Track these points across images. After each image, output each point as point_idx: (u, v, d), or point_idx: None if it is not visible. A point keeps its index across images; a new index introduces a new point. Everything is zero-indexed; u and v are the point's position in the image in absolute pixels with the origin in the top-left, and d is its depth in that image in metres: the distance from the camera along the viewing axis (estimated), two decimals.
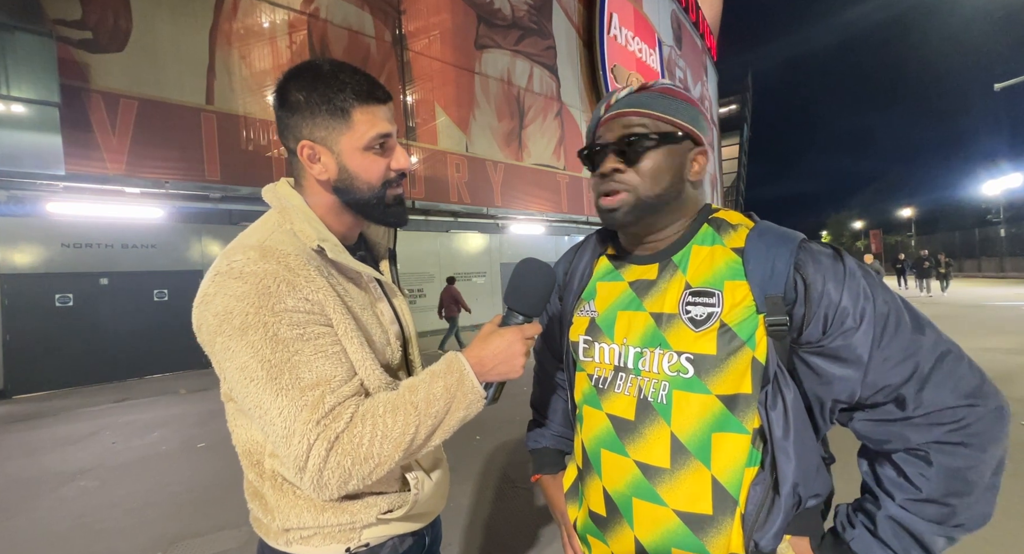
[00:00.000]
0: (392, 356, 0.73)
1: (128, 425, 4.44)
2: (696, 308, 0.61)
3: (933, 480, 0.52)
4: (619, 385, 0.66)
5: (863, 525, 0.56)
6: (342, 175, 0.67)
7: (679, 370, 0.60)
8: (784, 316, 0.56)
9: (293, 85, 0.65)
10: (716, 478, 0.58)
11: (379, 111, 0.67)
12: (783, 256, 0.57)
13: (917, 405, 0.53)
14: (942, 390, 0.52)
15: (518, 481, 2.83)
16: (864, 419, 0.57)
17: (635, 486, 0.62)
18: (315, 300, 0.60)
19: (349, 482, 0.56)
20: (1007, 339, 6.57)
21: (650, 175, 0.63)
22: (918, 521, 0.52)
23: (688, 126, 0.64)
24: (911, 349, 0.53)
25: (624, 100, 0.65)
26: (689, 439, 0.59)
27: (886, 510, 0.54)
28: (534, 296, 0.70)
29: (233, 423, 0.68)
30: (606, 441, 0.66)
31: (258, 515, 0.69)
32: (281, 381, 0.55)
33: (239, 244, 0.63)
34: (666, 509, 0.60)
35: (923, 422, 0.53)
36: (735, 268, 0.60)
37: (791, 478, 0.56)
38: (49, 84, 5.34)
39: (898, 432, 0.54)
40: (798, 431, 0.56)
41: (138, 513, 2.64)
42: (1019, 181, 20.10)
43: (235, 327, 0.56)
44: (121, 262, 6.43)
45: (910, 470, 0.53)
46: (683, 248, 0.66)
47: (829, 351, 0.55)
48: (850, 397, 0.56)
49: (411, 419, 0.59)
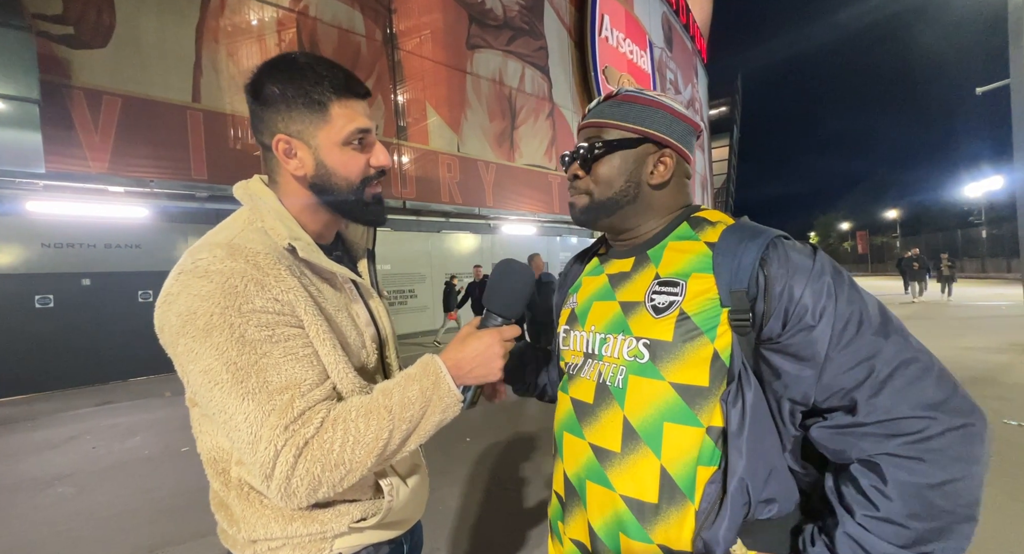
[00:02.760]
0: (368, 359, 0.70)
1: (110, 429, 4.34)
2: (660, 296, 0.62)
3: (892, 498, 0.49)
4: (585, 371, 0.68)
5: (823, 543, 0.54)
6: (319, 171, 0.64)
7: (636, 355, 0.62)
8: (747, 312, 0.56)
9: (268, 78, 0.63)
10: (665, 468, 0.58)
11: (358, 106, 0.65)
12: (751, 251, 0.57)
13: (869, 411, 0.51)
14: (898, 398, 0.50)
15: (507, 483, 2.81)
16: (821, 426, 0.55)
17: (588, 468, 0.64)
18: (285, 300, 0.58)
19: (319, 490, 0.54)
20: (987, 338, 6.70)
21: (603, 180, 0.68)
22: (878, 542, 0.50)
23: (644, 130, 0.66)
24: (870, 352, 0.52)
25: (592, 111, 0.70)
26: (640, 424, 0.60)
27: (844, 527, 0.52)
28: (512, 298, 0.69)
29: (198, 429, 0.65)
30: (568, 424, 0.69)
31: (224, 526, 0.66)
32: (247, 384, 0.53)
33: (206, 242, 0.60)
34: (614, 493, 0.61)
35: (877, 431, 0.51)
36: (704, 261, 0.61)
37: (739, 473, 0.55)
38: (28, 80, 5.21)
39: (853, 441, 0.52)
40: (753, 430, 0.55)
41: (118, 520, 2.57)
42: (1000, 183, 20.53)
43: (199, 328, 0.53)
44: (104, 262, 6.29)
45: (865, 484, 0.51)
46: (659, 243, 0.68)
47: (787, 348, 0.55)
48: (805, 399, 0.55)
49: (384, 424, 0.56)
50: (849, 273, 0.58)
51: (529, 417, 4.11)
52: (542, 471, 2.94)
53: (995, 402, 3.91)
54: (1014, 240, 6.81)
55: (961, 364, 5.24)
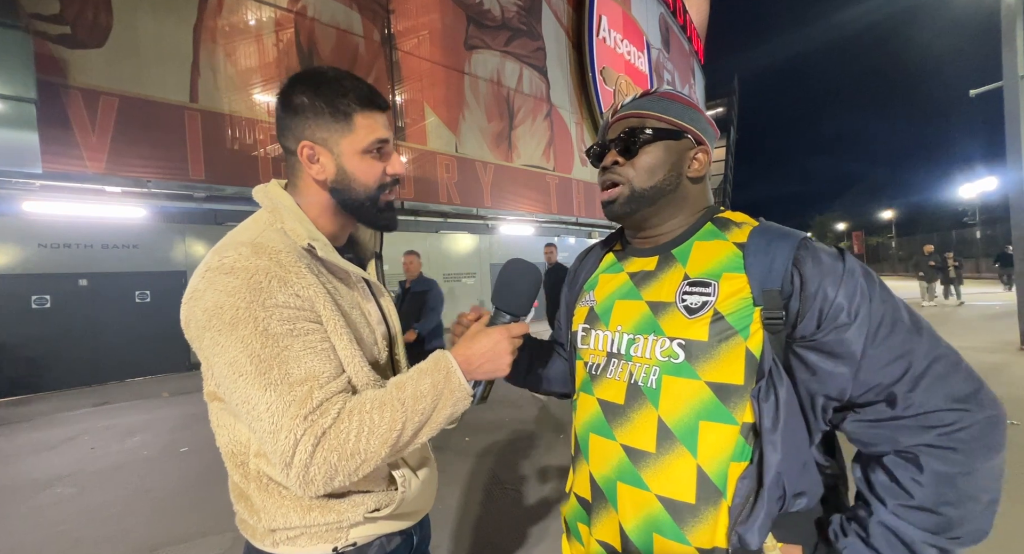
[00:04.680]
0: (379, 355, 0.73)
1: (108, 429, 4.33)
2: (692, 297, 0.62)
3: (925, 486, 0.52)
4: (611, 371, 0.67)
5: (855, 533, 0.55)
6: (339, 176, 0.69)
7: (670, 355, 0.61)
8: (780, 310, 0.57)
9: (298, 88, 0.67)
10: (701, 467, 0.58)
11: (379, 118, 0.70)
12: (783, 251, 0.59)
13: (907, 405, 0.53)
14: (934, 393, 0.53)
15: (507, 482, 2.83)
16: (855, 420, 0.57)
17: (620, 470, 0.63)
18: (306, 297, 0.60)
19: (335, 478, 0.56)
20: (981, 337, 6.76)
21: (645, 168, 0.67)
22: (911, 529, 0.52)
23: (685, 124, 0.67)
24: (905, 349, 0.54)
25: (628, 105, 0.71)
26: (676, 424, 0.60)
27: (878, 516, 0.54)
28: (520, 296, 0.71)
29: (217, 424, 0.67)
30: (595, 425, 0.67)
31: (244, 517, 0.68)
32: (270, 376, 0.55)
33: (231, 241, 0.63)
34: (649, 494, 0.60)
35: (913, 424, 0.53)
36: (735, 261, 0.62)
37: (775, 468, 0.56)
38: (25, 80, 5.19)
39: (888, 434, 0.55)
40: (787, 425, 0.56)
41: (118, 521, 2.57)
42: (994, 184, 20.73)
43: (225, 322, 0.56)
44: (101, 263, 6.26)
45: (901, 474, 0.53)
46: (684, 242, 0.68)
47: (822, 346, 0.56)
48: (841, 394, 0.56)
49: (398, 415, 0.59)
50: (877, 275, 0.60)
51: (528, 415, 4.13)
52: (541, 469, 2.96)
53: None
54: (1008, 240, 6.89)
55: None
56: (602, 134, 0.75)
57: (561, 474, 2.85)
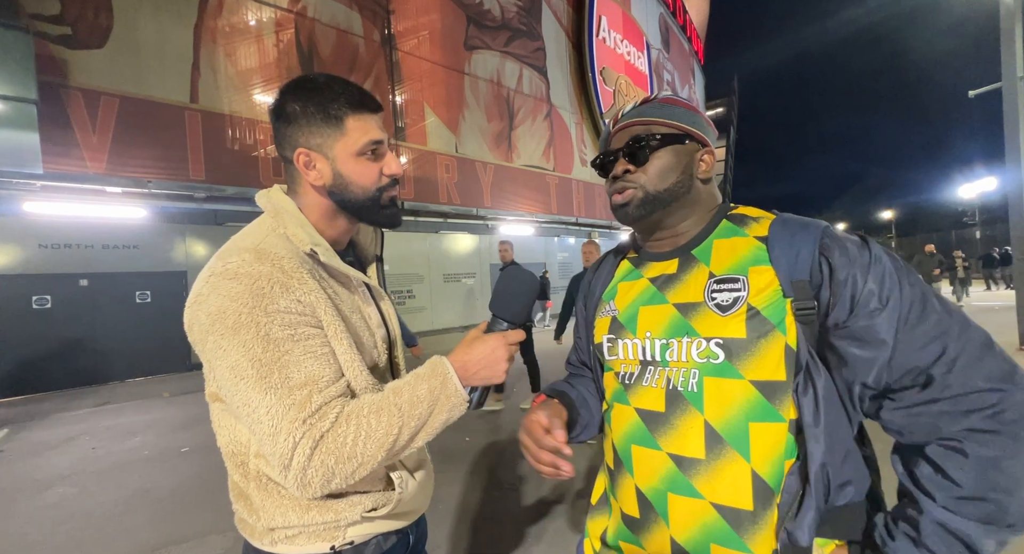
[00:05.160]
0: (379, 358, 0.74)
1: (109, 430, 4.34)
2: (722, 294, 0.61)
3: (972, 474, 0.49)
4: (647, 378, 0.65)
5: (905, 535, 0.52)
6: (336, 180, 0.69)
7: (709, 356, 0.60)
8: (811, 300, 0.56)
9: (290, 97, 0.68)
10: (756, 471, 0.56)
11: (371, 119, 0.70)
12: (808, 241, 0.58)
13: (945, 387, 0.51)
14: (972, 373, 0.50)
15: (506, 482, 2.84)
16: (893, 407, 0.55)
17: (670, 480, 0.60)
18: (307, 302, 0.62)
19: (332, 481, 0.57)
20: None
21: (657, 173, 0.67)
22: (965, 523, 0.49)
23: (690, 128, 0.68)
24: (939, 331, 0.52)
25: (630, 113, 0.71)
26: (724, 427, 0.58)
27: (929, 514, 0.50)
28: (517, 303, 0.72)
29: (218, 424, 0.68)
30: (636, 436, 0.65)
31: (243, 516, 0.69)
32: (271, 380, 0.56)
33: (234, 246, 0.64)
34: (703, 502, 0.58)
35: (953, 408, 0.50)
36: (759, 255, 0.61)
37: (819, 460, 0.54)
38: (26, 81, 5.20)
39: (928, 421, 0.52)
40: (828, 416, 0.55)
41: (118, 521, 2.59)
42: (993, 185, 20.71)
43: (228, 326, 0.57)
44: (102, 263, 6.27)
45: (948, 465, 0.50)
46: (703, 242, 0.67)
47: (855, 333, 0.55)
48: (877, 381, 0.55)
49: (395, 420, 0.60)
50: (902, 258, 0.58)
51: None
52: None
53: None
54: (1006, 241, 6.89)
55: None
56: (605, 144, 0.75)
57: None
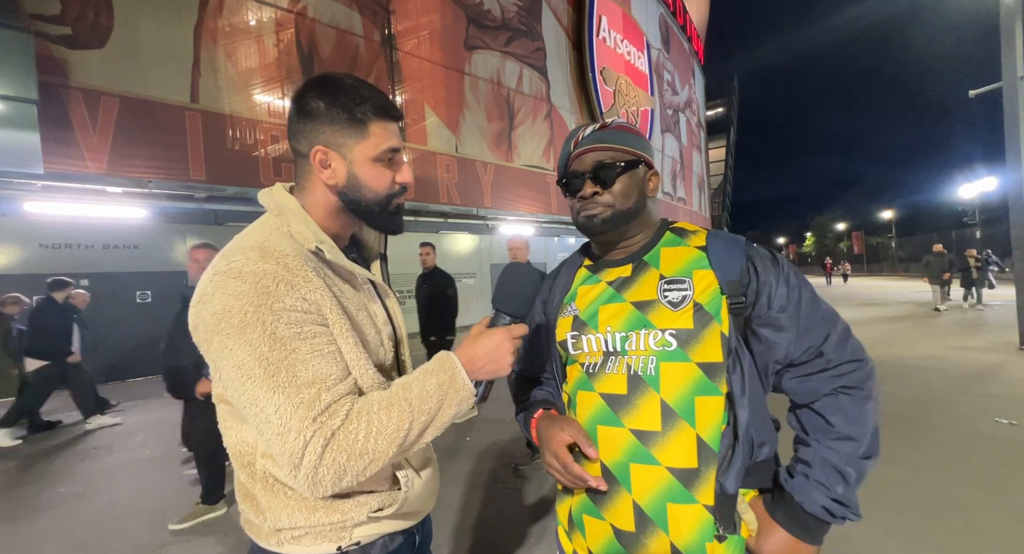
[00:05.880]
0: (385, 356, 0.74)
1: (110, 430, 4.34)
2: (672, 293, 0.75)
3: (840, 417, 0.68)
4: (609, 367, 0.76)
5: (801, 473, 0.69)
6: (351, 182, 0.70)
7: (664, 345, 0.72)
8: (741, 297, 0.72)
9: (316, 93, 0.68)
10: (700, 436, 0.69)
11: (392, 127, 0.71)
12: (737, 250, 0.75)
13: (828, 360, 0.70)
14: (843, 350, 0.71)
15: (507, 482, 2.84)
16: (791, 377, 0.73)
17: (632, 452, 0.71)
18: (312, 300, 0.61)
19: (344, 478, 0.57)
20: (979, 337, 6.78)
21: (622, 194, 0.78)
22: (840, 456, 0.67)
23: (643, 154, 0.81)
24: (824, 319, 0.72)
25: (590, 137, 0.80)
26: (676, 402, 0.70)
27: (817, 452, 0.69)
28: (520, 298, 0.73)
29: (224, 425, 0.68)
30: (601, 417, 0.74)
31: (249, 516, 0.69)
32: (278, 379, 0.56)
33: (238, 245, 0.64)
34: (660, 468, 0.69)
35: (831, 374, 0.70)
36: (701, 260, 0.76)
37: (746, 424, 0.69)
38: (26, 81, 5.19)
39: (815, 385, 0.71)
40: (751, 389, 0.70)
41: (119, 521, 2.59)
42: (994, 185, 20.69)
43: (233, 325, 0.57)
44: (102, 263, 6.27)
45: (827, 413, 0.70)
46: (652, 249, 0.81)
47: (773, 322, 0.71)
48: (785, 357, 0.72)
49: (405, 415, 0.60)
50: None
51: None
52: (541, 469, 2.97)
53: (987, 400, 3.96)
54: (1007, 240, 6.89)
55: (954, 363, 5.30)
56: (566, 165, 0.84)
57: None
